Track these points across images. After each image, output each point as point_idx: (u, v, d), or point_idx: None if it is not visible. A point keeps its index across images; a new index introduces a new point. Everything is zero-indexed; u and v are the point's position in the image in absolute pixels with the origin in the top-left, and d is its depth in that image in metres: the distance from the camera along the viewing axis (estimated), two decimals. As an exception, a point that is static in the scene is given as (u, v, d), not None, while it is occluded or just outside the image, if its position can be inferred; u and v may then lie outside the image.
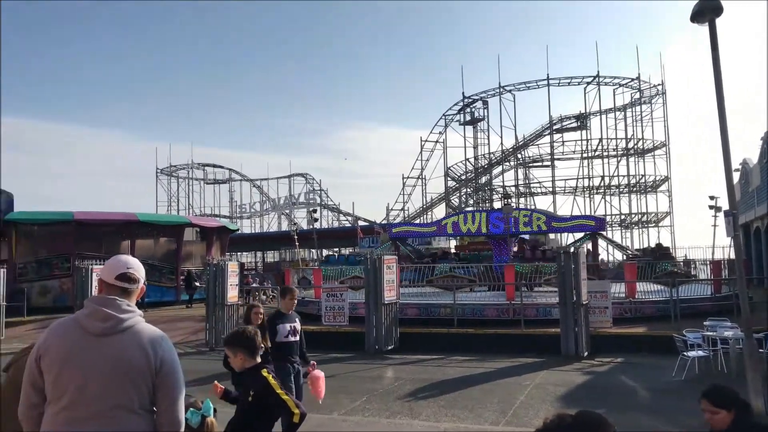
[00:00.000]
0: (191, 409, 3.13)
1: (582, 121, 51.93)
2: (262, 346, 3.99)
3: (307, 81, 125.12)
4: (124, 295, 2.77)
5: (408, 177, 59.28)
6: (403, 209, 59.15)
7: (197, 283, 26.88)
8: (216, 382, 4.08)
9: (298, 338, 7.32)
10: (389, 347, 15.34)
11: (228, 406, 4.11)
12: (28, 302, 24.30)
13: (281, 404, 3.68)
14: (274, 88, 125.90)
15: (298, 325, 7.36)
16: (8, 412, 3.41)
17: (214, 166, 70.82)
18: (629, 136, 50.53)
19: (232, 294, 17.44)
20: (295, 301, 7.72)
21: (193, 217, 48.41)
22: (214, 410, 3.34)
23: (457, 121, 57.32)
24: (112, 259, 2.92)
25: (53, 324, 2.82)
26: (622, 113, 51.68)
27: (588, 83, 51.16)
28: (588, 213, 47.02)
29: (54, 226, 27.26)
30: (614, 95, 51.60)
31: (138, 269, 2.88)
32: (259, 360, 3.86)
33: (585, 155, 51.71)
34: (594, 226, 30.04)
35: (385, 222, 50.78)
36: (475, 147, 57.04)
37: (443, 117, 58.17)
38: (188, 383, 2.85)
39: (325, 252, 50.20)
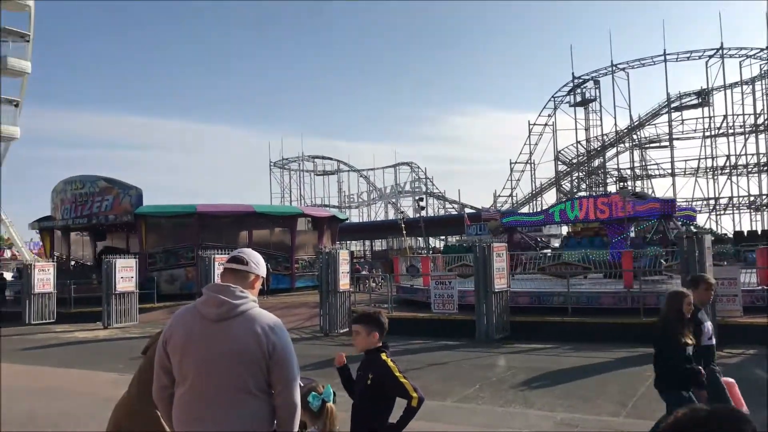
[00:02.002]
0: (313, 393, 3.21)
1: (703, 97, 48.59)
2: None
3: (411, 69, 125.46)
4: (238, 281, 2.89)
5: (516, 162, 58.13)
6: (511, 195, 58.12)
7: None
8: (342, 353, 4.10)
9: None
10: (500, 335, 15.15)
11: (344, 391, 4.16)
12: (158, 289, 26.10)
13: (399, 387, 3.71)
14: (378, 78, 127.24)
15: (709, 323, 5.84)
16: (149, 391, 3.69)
17: (323, 157, 72.81)
18: (758, 111, 46.69)
19: (344, 282, 17.88)
20: (712, 293, 6.17)
21: (305, 207, 50.03)
22: (334, 394, 3.42)
23: (566, 102, 55.44)
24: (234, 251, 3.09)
25: (177, 311, 3.00)
26: (750, 87, 47.80)
27: (710, 56, 47.74)
28: (712, 195, 44.02)
29: (179, 218, 29.06)
30: (740, 68, 47.86)
31: (250, 255, 3.00)
32: (380, 343, 3.89)
33: (707, 134, 48.38)
34: (658, 210, 27.85)
35: (492, 209, 50.04)
36: (587, 129, 54.97)
37: (552, 99, 56.43)
38: (303, 367, 2.95)
39: (432, 240, 50.29)
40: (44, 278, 23.55)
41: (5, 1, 38.41)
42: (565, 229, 41.08)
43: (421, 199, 43.48)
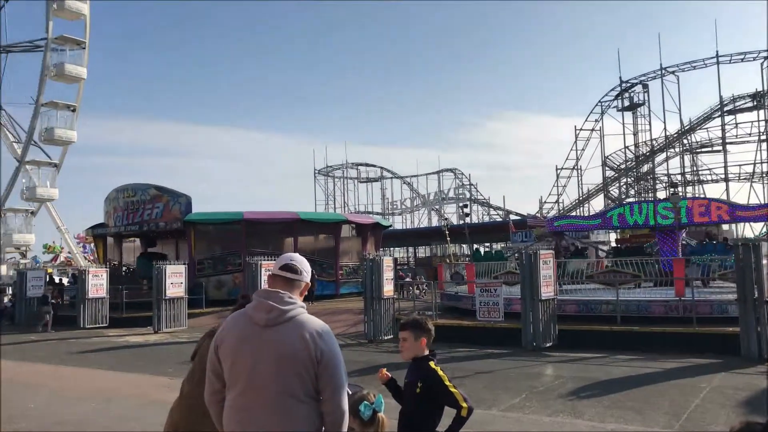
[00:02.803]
0: (365, 402, 3.21)
1: (759, 99, 46.92)
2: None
3: (454, 74, 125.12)
4: (287, 288, 2.92)
5: (562, 168, 57.14)
6: (557, 202, 57.16)
7: None
8: (384, 369, 4.13)
9: None
10: (547, 344, 14.91)
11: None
12: (206, 295, 26.58)
13: (449, 396, 3.68)
14: (421, 84, 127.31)
15: None
16: (198, 394, 3.76)
17: (367, 165, 73.10)
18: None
19: (388, 288, 17.88)
20: None
21: (348, 214, 50.28)
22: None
23: (614, 107, 54.33)
24: (281, 256, 3.12)
25: (229, 316, 3.06)
26: (809, 88, 45.94)
27: (765, 58, 46.11)
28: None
29: (226, 225, 29.56)
30: (800, 67, 46.00)
31: (300, 263, 3.03)
32: (427, 351, 3.87)
33: (763, 137, 46.72)
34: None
35: (537, 215, 49.37)
36: (635, 134, 53.74)
37: (599, 104, 55.38)
38: (349, 374, 2.95)
39: (476, 247, 49.86)
40: (98, 284, 24.28)
41: (62, 10, 39.97)
42: (612, 236, 40.30)
43: (466, 206, 43.23)
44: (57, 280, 35.41)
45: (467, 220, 40.20)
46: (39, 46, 40.77)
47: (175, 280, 22.18)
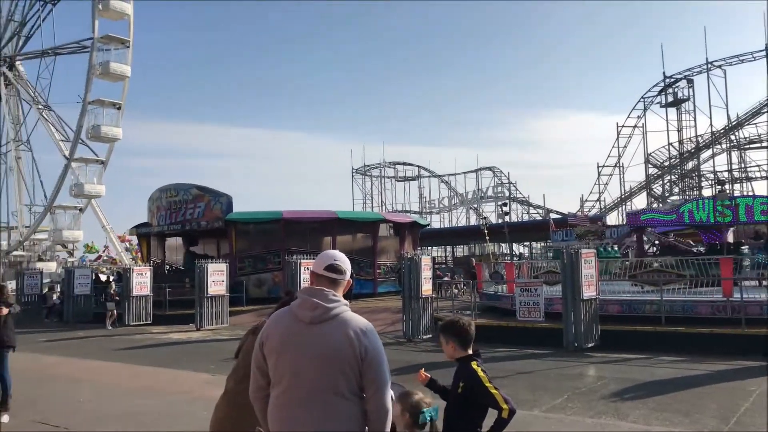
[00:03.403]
0: (426, 408, 3.21)
1: (811, 93, 45.35)
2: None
3: (492, 72, 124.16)
4: (331, 286, 2.94)
5: (603, 165, 56.25)
6: (598, 200, 56.27)
7: None
8: (422, 370, 4.14)
9: None
10: (589, 345, 14.67)
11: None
12: (246, 293, 26.93)
13: (489, 398, 3.65)
14: (459, 82, 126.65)
15: None
16: (243, 388, 3.80)
17: (404, 163, 73.12)
18: None
19: (426, 287, 17.83)
20: None
21: (386, 213, 50.33)
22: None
23: (657, 103, 53.23)
24: (322, 253, 3.13)
25: (273, 314, 3.09)
26: None
27: (818, 50, 44.52)
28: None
29: (266, 224, 29.93)
30: None
31: (344, 262, 3.05)
32: (470, 351, 3.85)
33: (816, 132, 45.13)
34: None
35: (578, 213, 48.60)
36: (680, 130, 52.51)
37: (641, 100, 54.32)
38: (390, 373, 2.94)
39: (515, 246, 49.37)
40: (142, 282, 24.82)
41: (107, 10, 41.07)
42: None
43: (505, 204, 42.77)
44: (103, 278, 36.36)
45: (506, 218, 39.78)
46: (86, 46, 41.95)
47: (216, 278, 22.54)
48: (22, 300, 27.79)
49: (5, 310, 8.91)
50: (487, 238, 35.20)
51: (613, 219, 50.21)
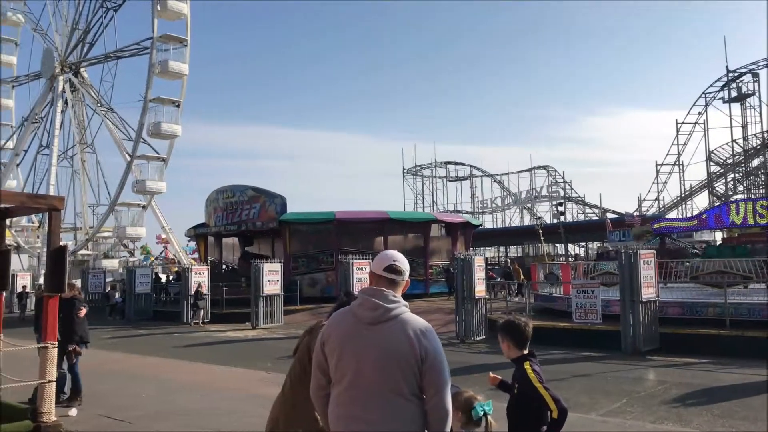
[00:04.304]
0: (478, 402, 3.20)
1: None
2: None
3: (546, 69, 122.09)
4: (391, 286, 2.94)
5: (662, 164, 54.68)
6: (657, 199, 54.69)
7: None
8: (491, 372, 4.14)
9: None
10: (648, 348, 14.25)
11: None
12: (300, 293, 27.28)
13: (539, 398, 3.62)
14: (511, 79, 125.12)
15: None
16: (298, 387, 3.84)
17: (456, 163, 72.74)
18: None
19: (480, 288, 17.67)
20: None
21: (438, 213, 50.15)
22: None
23: (720, 98, 51.41)
24: (381, 254, 3.12)
25: (334, 313, 3.11)
26: None
27: None
28: None
29: (319, 224, 30.25)
30: None
31: (403, 262, 3.04)
32: (525, 352, 3.83)
33: None
34: None
35: (636, 213, 47.34)
36: (744, 126, 50.56)
37: (703, 95, 52.53)
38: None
39: (571, 247, 48.46)
40: (200, 281, 25.42)
41: (164, 10, 42.34)
42: (719, 236, 38.02)
43: (561, 204, 42.09)
44: (164, 278, 37.47)
45: (562, 218, 39.09)
46: (145, 47, 43.29)
47: (271, 277, 22.91)
48: (87, 298, 28.87)
49: (84, 311, 9.66)
50: (542, 238, 34.69)
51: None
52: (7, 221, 9.67)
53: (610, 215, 49.66)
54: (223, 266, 35.73)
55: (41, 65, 49.04)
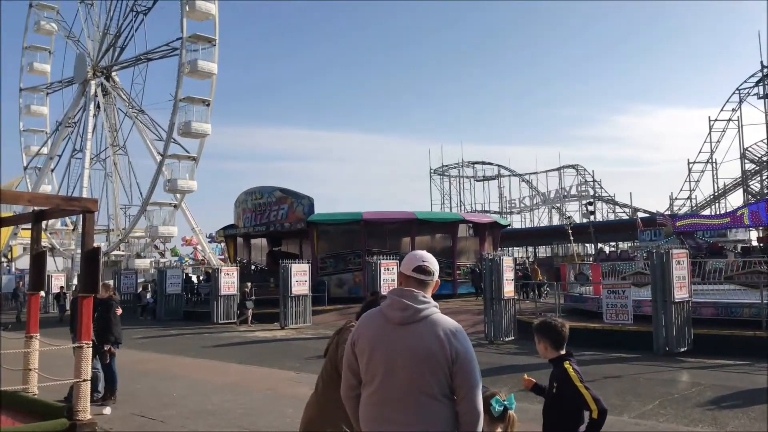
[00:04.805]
0: (496, 397, 3.20)
1: None
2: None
3: (573, 68, 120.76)
4: (420, 287, 2.93)
5: (694, 162, 53.65)
6: (689, 198, 53.71)
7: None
8: (525, 375, 4.13)
9: None
10: (681, 349, 14.01)
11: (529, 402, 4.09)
12: (328, 293, 27.40)
13: (579, 397, 3.59)
14: (538, 78, 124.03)
15: None
16: (329, 387, 3.86)
17: (483, 163, 72.33)
18: None
19: (509, 289, 17.53)
20: None
21: (465, 213, 49.92)
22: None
23: (754, 94, 50.19)
24: (410, 254, 3.11)
25: (364, 314, 3.11)
26: None
27: None
28: None
29: (346, 225, 30.34)
30: None
31: (432, 263, 3.03)
32: (563, 352, 3.81)
33: None
34: None
35: (668, 213, 46.56)
36: (779, 123, 49.26)
37: (737, 91, 51.45)
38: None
39: (601, 246, 47.78)
40: (229, 281, 25.70)
41: (193, 11, 42.98)
42: (754, 235, 37.22)
43: (591, 203, 41.55)
44: (194, 279, 37.98)
45: (591, 218, 38.61)
46: (175, 48, 43.95)
47: (299, 278, 23.05)
48: (119, 298, 29.39)
49: (120, 310, 10.02)
50: (572, 238, 34.32)
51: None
52: (43, 224, 9.90)
53: (641, 214, 48.95)
54: (252, 267, 36.05)
55: (74, 70, 50.09)
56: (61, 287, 32.02)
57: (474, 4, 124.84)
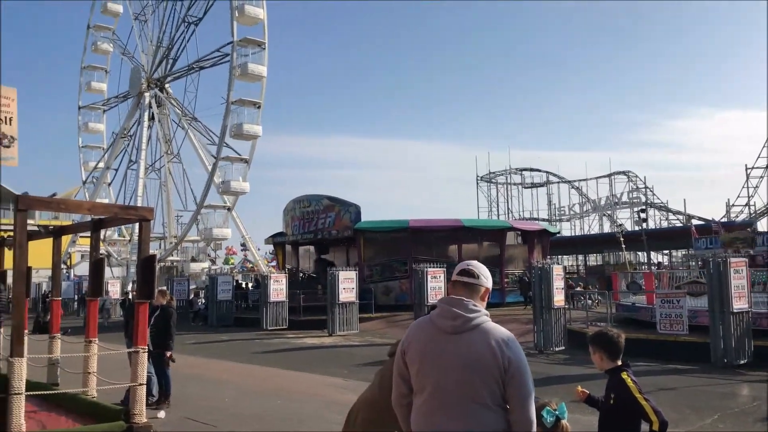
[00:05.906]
0: (547, 408, 3.16)
1: None
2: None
3: (625, 71, 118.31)
4: (468, 292, 2.92)
5: (753, 167, 51.78)
6: (747, 204, 51.83)
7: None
8: (579, 386, 4.07)
9: None
10: (741, 361, 13.50)
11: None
12: (375, 300, 27.43)
13: (639, 409, 3.52)
14: (589, 82, 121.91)
15: None
16: (385, 389, 3.85)
17: (531, 169, 71.46)
18: None
19: (558, 298, 17.26)
20: None
21: (513, 221, 49.35)
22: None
23: (818, 96, 48.25)
24: (460, 263, 3.11)
25: (413, 322, 3.12)
26: None
27: None
28: None
29: (393, 233, 30.36)
30: None
31: (477, 267, 3.01)
32: (619, 363, 3.75)
33: None
34: None
35: (724, 219, 45.04)
36: None
37: (798, 94, 49.48)
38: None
39: (653, 255, 46.59)
40: (278, 288, 26.05)
41: (242, 15, 44.08)
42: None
43: (643, 210, 40.55)
44: (243, 285, 38.63)
45: (644, 225, 37.66)
46: (225, 54, 45.10)
47: (347, 285, 23.19)
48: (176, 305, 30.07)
49: (175, 316, 10.34)
50: (623, 246, 33.53)
51: (764, 225, 46.08)
52: (101, 233, 10.25)
53: (695, 222, 47.47)
54: (300, 274, 36.46)
55: (129, 84, 51.90)
56: (126, 293, 32.97)
57: (527, 5, 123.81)
